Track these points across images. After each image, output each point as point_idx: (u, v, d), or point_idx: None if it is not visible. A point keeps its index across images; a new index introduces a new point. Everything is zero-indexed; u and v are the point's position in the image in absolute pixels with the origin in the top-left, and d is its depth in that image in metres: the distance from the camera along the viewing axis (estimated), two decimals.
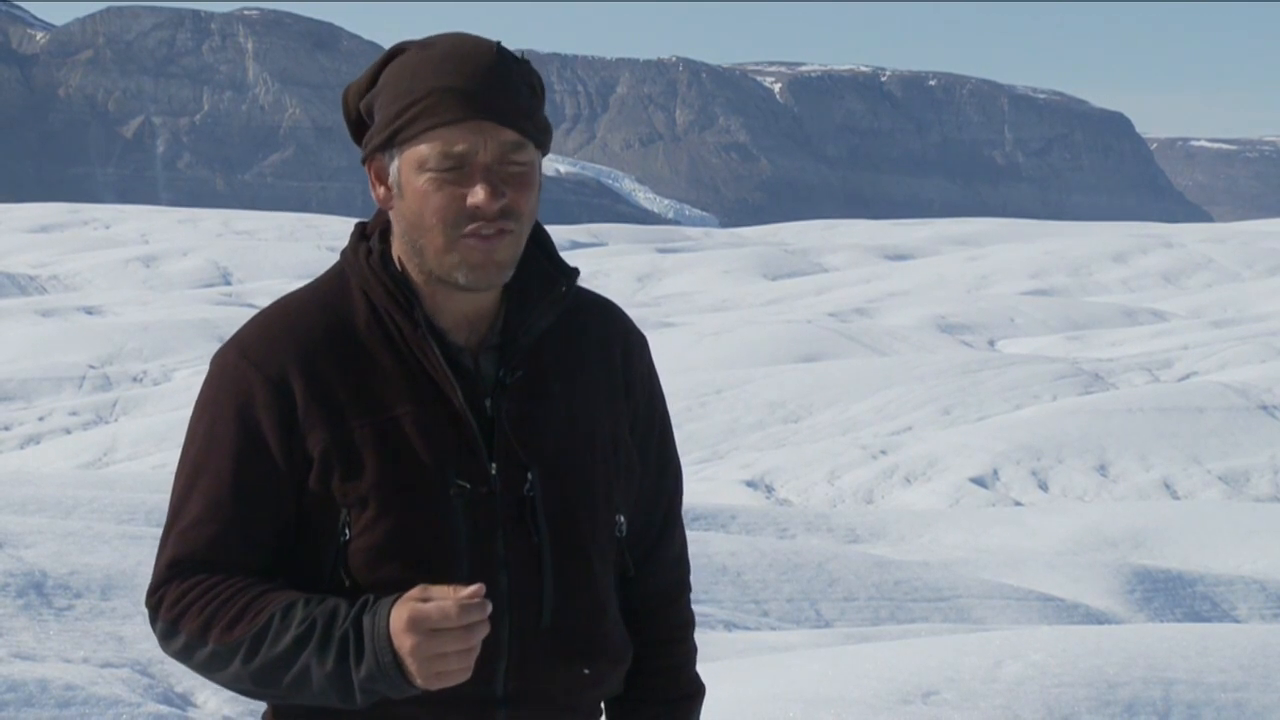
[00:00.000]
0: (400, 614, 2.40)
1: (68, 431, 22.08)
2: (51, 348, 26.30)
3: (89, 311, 31.65)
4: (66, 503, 10.17)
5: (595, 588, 2.65)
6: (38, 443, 21.60)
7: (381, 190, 2.61)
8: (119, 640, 7.17)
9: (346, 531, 2.55)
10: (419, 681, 2.41)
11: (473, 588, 2.39)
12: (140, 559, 8.16)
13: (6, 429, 22.29)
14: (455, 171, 2.53)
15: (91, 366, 25.32)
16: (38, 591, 7.59)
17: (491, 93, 2.54)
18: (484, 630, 2.40)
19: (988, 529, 14.02)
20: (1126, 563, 12.17)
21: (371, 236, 2.65)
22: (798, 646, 8.54)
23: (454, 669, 2.40)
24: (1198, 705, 6.59)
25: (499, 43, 2.58)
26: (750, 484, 17.83)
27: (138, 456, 20.04)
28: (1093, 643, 7.08)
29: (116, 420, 22.54)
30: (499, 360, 2.61)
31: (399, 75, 2.58)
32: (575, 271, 2.69)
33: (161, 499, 10.54)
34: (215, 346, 26.70)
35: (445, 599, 2.38)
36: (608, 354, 2.71)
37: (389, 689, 2.43)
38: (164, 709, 6.39)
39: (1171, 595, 11.51)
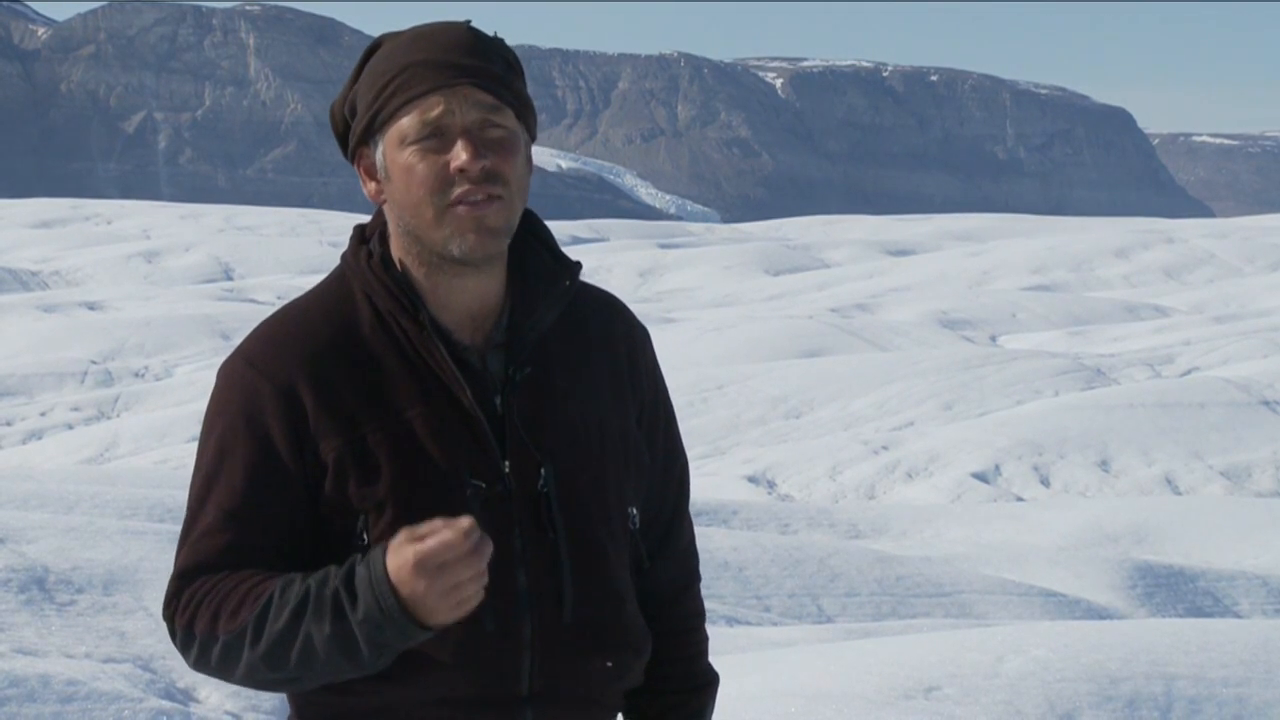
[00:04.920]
0: (400, 558, 2.36)
1: (69, 427, 22.08)
2: (53, 343, 26.30)
3: (91, 307, 31.65)
4: (68, 498, 10.17)
5: (613, 581, 2.64)
6: (39, 438, 21.60)
7: (371, 185, 2.62)
8: (121, 636, 7.17)
9: (365, 536, 2.54)
10: (438, 619, 2.37)
11: (467, 519, 2.36)
12: (142, 555, 8.17)
13: (8, 424, 22.30)
14: (436, 140, 2.53)
15: (93, 362, 25.33)
16: (40, 587, 7.59)
17: (463, 59, 2.55)
18: (489, 550, 2.36)
19: (989, 524, 14.01)
20: (1128, 558, 12.17)
21: (371, 239, 2.64)
22: (799, 642, 8.55)
23: (471, 596, 2.37)
24: (1199, 700, 6.59)
25: (469, 21, 2.60)
26: (752, 479, 17.83)
27: (139, 452, 20.03)
28: (1094, 638, 7.08)
29: (118, 416, 22.54)
30: (506, 358, 2.60)
31: (374, 66, 2.59)
32: (577, 265, 2.69)
33: (163, 494, 10.55)
34: (217, 342, 26.77)
35: (437, 533, 2.35)
36: (612, 348, 2.71)
37: (396, 635, 2.38)
38: (166, 704, 6.39)
39: (1173, 590, 11.50)
